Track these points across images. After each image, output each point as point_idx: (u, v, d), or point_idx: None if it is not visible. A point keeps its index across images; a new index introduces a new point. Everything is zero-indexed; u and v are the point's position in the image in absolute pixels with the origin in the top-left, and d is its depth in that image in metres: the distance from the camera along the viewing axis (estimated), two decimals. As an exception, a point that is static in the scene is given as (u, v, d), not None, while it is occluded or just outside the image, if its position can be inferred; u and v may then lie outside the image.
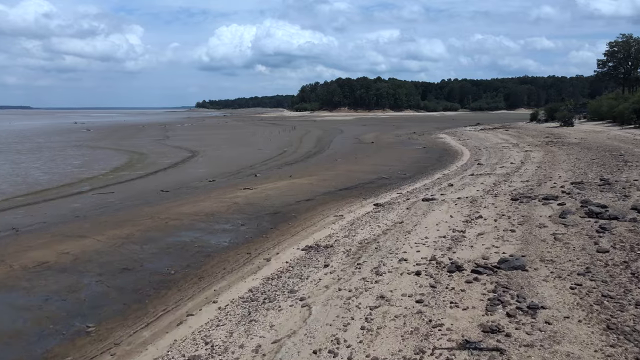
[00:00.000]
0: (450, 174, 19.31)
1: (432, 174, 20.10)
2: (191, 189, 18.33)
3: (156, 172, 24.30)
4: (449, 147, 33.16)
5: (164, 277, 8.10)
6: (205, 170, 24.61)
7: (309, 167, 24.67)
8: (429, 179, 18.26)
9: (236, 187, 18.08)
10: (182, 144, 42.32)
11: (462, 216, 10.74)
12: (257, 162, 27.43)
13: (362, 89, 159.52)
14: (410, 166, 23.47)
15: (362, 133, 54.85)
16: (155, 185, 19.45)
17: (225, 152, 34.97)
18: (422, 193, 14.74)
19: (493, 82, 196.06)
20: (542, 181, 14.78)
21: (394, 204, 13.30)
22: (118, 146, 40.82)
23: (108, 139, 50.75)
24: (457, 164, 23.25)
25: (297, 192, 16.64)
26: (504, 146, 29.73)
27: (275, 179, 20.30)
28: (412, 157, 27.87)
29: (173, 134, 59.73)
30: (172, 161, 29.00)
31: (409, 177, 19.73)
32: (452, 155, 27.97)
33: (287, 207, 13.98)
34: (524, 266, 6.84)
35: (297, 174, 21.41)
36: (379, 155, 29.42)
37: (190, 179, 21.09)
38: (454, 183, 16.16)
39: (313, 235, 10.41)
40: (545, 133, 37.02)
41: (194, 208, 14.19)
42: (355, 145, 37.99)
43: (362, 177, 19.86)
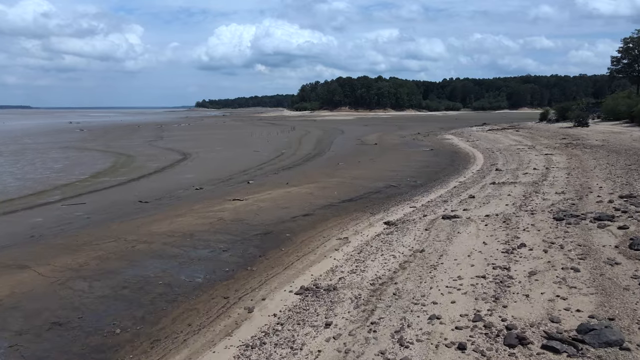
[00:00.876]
0: (468, 181, 17.09)
1: (447, 181, 17.88)
2: (174, 199, 16.12)
3: (140, 178, 22.10)
4: (459, 149, 30.93)
5: (103, 340, 5.89)
6: (193, 175, 22.40)
7: (308, 172, 22.46)
8: (444, 188, 16.04)
9: (225, 198, 15.86)
10: (175, 145, 40.11)
11: (498, 243, 8.53)
12: (252, 166, 25.22)
13: (363, 88, 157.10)
14: (419, 172, 21.25)
15: (364, 134, 52.63)
16: (135, 195, 17.25)
17: (219, 154, 32.76)
18: (440, 207, 12.53)
19: (495, 82, 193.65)
20: (581, 193, 12.55)
21: (408, 222, 11.08)
22: (107, 148, 38.63)
23: (99, 139, 48.56)
24: (472, 169, 21.03)
25: (293, 204, 14.43)
26: (519, 148, 27.50)
27: (270, 186, 18.09)
28: (420, 160, 25.64)
29: (168, 134, 57.53)
30: (160, 165, 26.80)
31: (420, 185, 17.50)
32: (464, 158, 25.74)
33: (281, 225, 11.77)
34: (622, 341, 4.62)
35: (295, 181, 19.20)
36: (384, 159, 27.19)
37: (175, 187, 18.89)
38: (475, 194, 13.94)
39: (311, 269, 8.21)
40: (560, 134, 34.78)
41: (171, 226, 11.98)
42: (357, 147, 35.77)
43: (368, 185, 17.64)
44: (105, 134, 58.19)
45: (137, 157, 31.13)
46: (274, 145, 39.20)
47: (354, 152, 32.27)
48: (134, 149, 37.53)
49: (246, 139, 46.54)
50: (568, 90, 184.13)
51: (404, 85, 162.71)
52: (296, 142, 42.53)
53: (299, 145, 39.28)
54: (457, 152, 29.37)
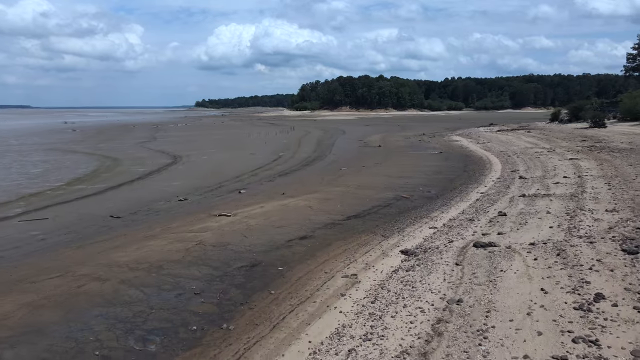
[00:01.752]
0: (491, 192, 14.83)
1: (466, 192, 15.61)
2: (151, 214, 13.88)
3: (120, 185, 19.86)
4: (470, 152, 28.66)
5: None
6: (180, 183, 20.17)
7: (307, 179, 20.22)
8: (465, 202, 13.78)
9: (210, 212, 13.62)
10: (167, 147, 37.87)
11: (563, 291, 6.29)
12: (246, 172, 22.99)
13: (364, 87, 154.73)
14: (432, 179, 19.00)
15: (366, 134, 50.38)
16: (108, 207, 15.02)
17: (212, 157, 30.52)
18: (467, 228, 10.29)
19: (498, 81, 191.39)
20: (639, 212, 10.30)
21: (431, 250, 8.84)
22: (95, 150, 36.40)
23: (89, 141, 46.34)
24: (491, 176, 18.77)
25: (289, 221, 12.19)
26: (537, 152, 25.24)
27: (264, 197, 15.85)
28: (431, 165, 23.38)
29: (163, 134, 55.30)
30: (146, 170, 24.56)
31: (436, 196, 15.24)
32: (478, 163, 23.48)
33: (273, 253, 9.53)
34: None
35: (292, 190, 16.96)
36: (390, 163, 24.94)
37: (156, 197, 16.65)
38: (505, 210, 11.69)
39: (308, 331, 5.97)
40: (578, 135, 32.53)
41: (137, 252, 9.74)
42: (360, 150, 33.51)
43: (375, 196, 15.39)
44: (98, 135, 55.97)
45: (123, 161, 28.90)
46: (272, 147, 36.96)
47: (357, 155, 30.02)
48: (123, 151, 35.31)
49: (243, 140, 44.30)
50: (572, 89, 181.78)
51: (406, 84, 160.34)
52: (295, 143, 40.28)
53: (298, 147, 37.04)
54: (469, 155, 27.10)
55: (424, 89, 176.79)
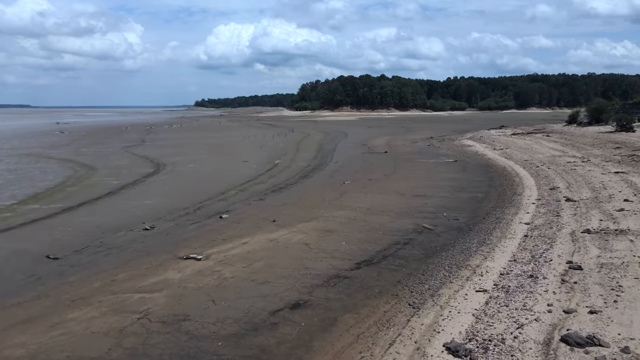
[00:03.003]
0: (539, 224, 11.58)
1: (504, 220, 12.36)
2: (99, 254, 10.65)
3: (82, 204, 16.65)
4: (490, 161, 25.41)
5: None
6: (154, 201, 16.98)
7: (304, 197, 16.98)
8: (509, 239, 10.52)
9: (176, 252, 10.40)
10: (154, 152, 34.66)
11: None
12: (234, 185, 19.79)
13: (366, 87, 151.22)
14: (455, 199, 15.75)
15: (369, 137, 47.14)
16: (52, 240, 11.83)
17: (200, 165, 27.31)
18: (534, 294, 7.06)
19: (501, 80, 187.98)
20: None
21: (494, 347, 5.59)
22: (74, 155, 33.20)
23: (74, 144, 43.16)
24: (526, 195, 15.52)
25: (278, 271, 8.96)
26: (569, 162, 21.99)
27: (250, 225, 12.63)
28: (449, 179, 20.13)
29: (153, 137, 52.11)
30: (120, 182, 21.35)
31: (467, 227, 11.99)
32: (505, 176, 20.23)
33: (249, 342, 6.30)
34: None
35: (286, 215, 13.74)
36: (401, 175, 21.69)
37: (118, 223, 13.44)
38: (577, 260, 8.45)
39: None
40: (607, 141, 29.28)
41: (45, 335, 6.52)
42: (365, 157, 30.28)
43: (390, 226, 12.16)
44: (85, 138, 52.75)
45: (99, 170, 25.70)
46: (267, 152, 33.75)
47: (362, 163, 26.78)
48: (104, 157, 32.11)
49: (237, 145, 41.08)
50: (577, 89, 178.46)
51: (408, 84, 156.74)
52: (293, 148, 37.06)
53: (297, 152, 33.81)
54: (490, 165, 23.84)
55: (426, 89, 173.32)
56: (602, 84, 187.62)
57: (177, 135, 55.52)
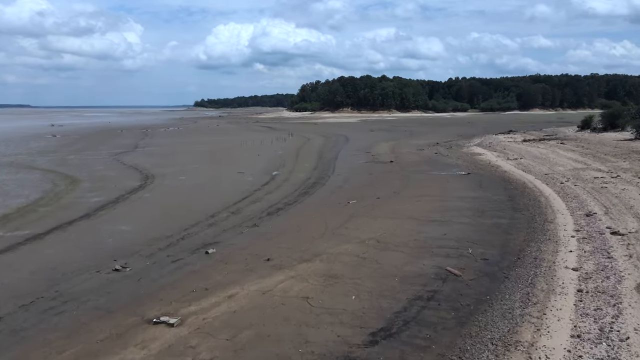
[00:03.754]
0: (590, 270, 9.53)
1: (542, 260, 10.32)
2: (52, 311, 8.64)
3: (51, 230, 14.65)
4: (506, 174, 23.36)
5: None
6: (133, 227, 14.97)
7: (304, 223, 14.93)
8: (562, 295, 8.47)
9: (144, 312, 8.38)
10: (144, 161, 32.64)
11: None
12: (226, 205, 17.77)
13: (367, 88, 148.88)
14: (478, 227, 13.70)
15: (372, 143, 45.10)
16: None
17: (192, 177, 25.27)
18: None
19: (504, 81, 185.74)
20: None
21: None
22: (59, 164, 31.19)
23: (62, 150, 41.13)
24: (560, 223, 13.47)
25: (269, 349, 6.93)
26: (595, 178, 19.95)
27: (239, 267, 10.61)
28: (465, 198, 18.08)
29: (147, 142, 50.10)
30: (102, 199, 19.35)
31: (501, 272, 9.92)
32: (526, 194, 18.19)
33: None
34: None
35: (283, 250, 11.72)
36: (411, 192, 19.64)
37: (86, 259, 11.44)
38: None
39: None
40: (629, 150, 27.23)
41: None
42: (369, 167, 28.23)
43: (408, 271, 10.13)
44: (77, 142, 50.69)
45: (82, 183, 23.68)
46: (265, 161, 31.72)
47: (367, 176, 24.73)
48: (90, 166, 30.08)
49: (233, 152, 39.03)
50: (580, 90, 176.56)
51: (409, 85, 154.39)
52: (293, 155, 35.03)
53: (296, 161, 31.79)
54: (507, 179, 21.80)
55: (428, 90, 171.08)
56: (605, 84, 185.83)
57: (172, 140, 53.46)
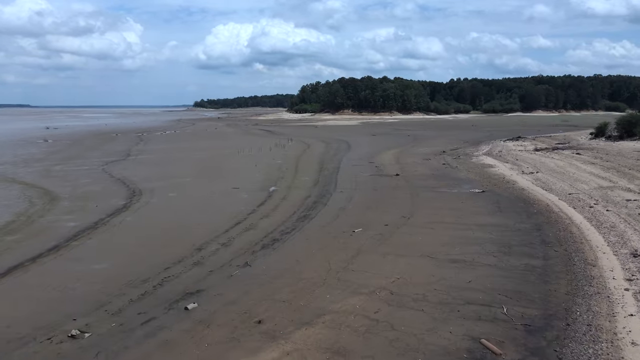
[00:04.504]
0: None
1: (603, 331, 8.32)
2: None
3: (10, 271, 12.64)
4: (524, 193, 21.34)
5: None
6: (107, 265, 12.98)
7: (303, 261, 12.89)
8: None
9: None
10: (135, 173, 30.64)
11: None
12: (217, 234, 15.78)
13: (367, 89, 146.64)
14: (507, 269, 11.67)
15: (375, 150, 43.09)
16: None
17: (183, 193, 23.26)
18: None
19: (506, 82, 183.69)
20: None
21: None
22: (43, 177, 29.22)
23: (50, 159, 39.13)
24: (605, 266, 11.47)
25: None
26: (630, 201, 17.95)
27: (223, 336, 8.62)
28: (485, 226, 16.05)
29: (141, 149, 48.11)
30: (78, 224, 17.40)
31: (552, 350, 7.91)
32: (552, 221, 16.15)
33: None
34: None
35: (278, 306, 9.73)
36: (423, 217, 17.62)
37: (38, 318, 9.43)
38: None
39: None
40: (655, 165, 25.23)
41: None
42: (374, 182, 26.21)
43: (432, 344, 8.13)
44: (67, 148, 48.71)
45: (61, 202, 21.70)
46: (263, 173, 29.73)
47: (372, 193, 22.72)
48: (75, 180, 28.08)
49: (230, 161, 37.00)
50: (584, 91, 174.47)
51: (411, 86, 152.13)
52: (292, 166, 33.02)
53: (295, 173, 29.79)
54: (528, 200, 19.78)
55: (429, 91, 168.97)
56: (609, 86, 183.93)
57: (166, 146, 51.45)
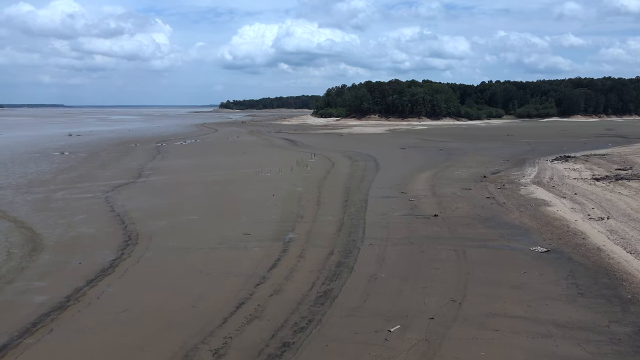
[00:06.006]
0: None
1: None
2: None
3: None
4: (603, 257, 17.00)
5: None
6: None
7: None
8: None
9: None
10: (138, 205, 27.59)
11: None
12: (210, 330, 12.18)
13: (395, 94, 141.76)
14: None
15: (407, 173, 38.92)
16: None
17: (185, 245, 19.83)
18: None
19: (541, 85, 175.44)
20: None
21: None
22: (37, 209, 26.52)
23: (56, 181, 36.65)
24: None
25: None
26: None
27: None
28: (569, 331, 11.90)
29: (155, 166, 45.34)
30: (46, 301, 14.14)
31: None
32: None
33: None
34: None
35: None
36: (479, 307, 13.54)
37: None
38: None
39: None
40: None
41: None
42: (408, 227, 22.18)
43: None
44: (80, 165, 46.33)
45: (41, 254, 18.67)
46: (280, 207, 26.22)
47: (408, 248, 18.76)
48: (72, 215, 25.17)
49: (246, 187, 33.51)
50: (626, 95, 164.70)
51: (441, 90, 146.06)
52: (314, 197, 29.29)
53: (317, 209, 26.06)
54: (613, 272, 15.45)
55: (459, 94, 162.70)
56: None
57: (182, 163, 48.55)
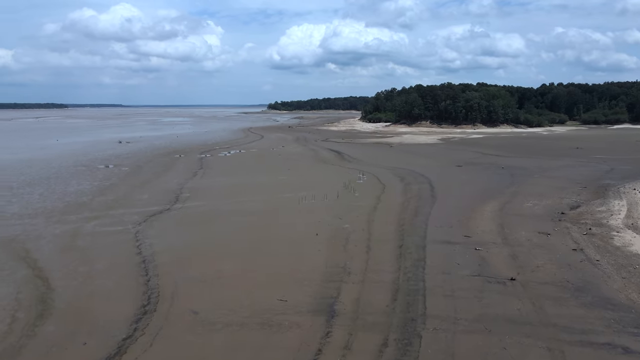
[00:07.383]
0: None
1: None
2: None
3: None
4: None
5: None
6: None
7: None
8: None
9: None
10: (168, 245, 24.78)
11: None
12: None
13: (448, 99, 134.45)
14: None
15: (467, 203, 34.14)
16: None
17: (208, 318, 16.57)
18: None
19: (610, 88, 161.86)
20: None
21: None
22: (60, 251, 24.49)
23: (91, 205, 35.04)
24: None
25: None
26: None
27: None
28: None
29: (194, 186, 43.09)
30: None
31: None
32: None
33: None
34: None
35: None
36: None
37: None
38: None
39: None
40: None
41: None
42: (480, 300, 17.89)
43: None
44: (121, 182, 44.85)
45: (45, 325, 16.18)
46: (324, 252, 22.52)
47: (485, 342, 14.50)
48: (95, 259, 22.78)
49: (286, 222, 30.11)
50: None
51: (497, 95, 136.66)
52: (362, 241, 25.39)
53: (367, 260, 22.18)
54: None
55: (517, 98, 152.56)
56: None
57: (223, 182, 46.08)
